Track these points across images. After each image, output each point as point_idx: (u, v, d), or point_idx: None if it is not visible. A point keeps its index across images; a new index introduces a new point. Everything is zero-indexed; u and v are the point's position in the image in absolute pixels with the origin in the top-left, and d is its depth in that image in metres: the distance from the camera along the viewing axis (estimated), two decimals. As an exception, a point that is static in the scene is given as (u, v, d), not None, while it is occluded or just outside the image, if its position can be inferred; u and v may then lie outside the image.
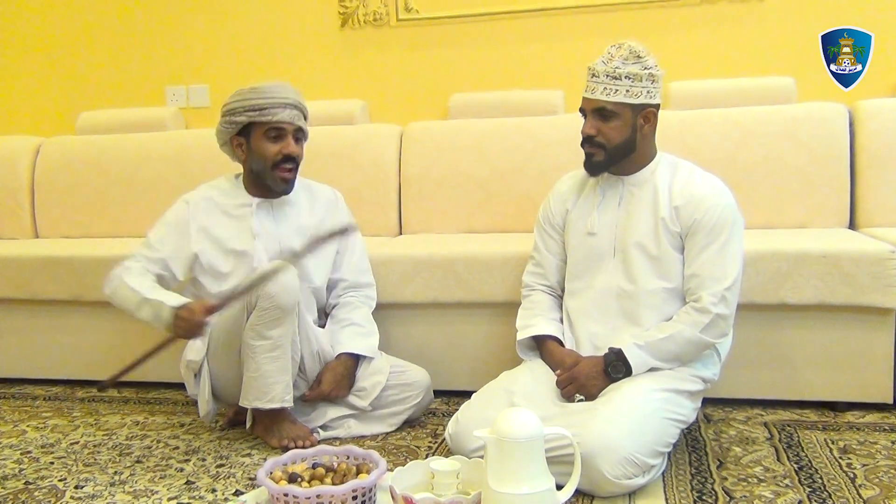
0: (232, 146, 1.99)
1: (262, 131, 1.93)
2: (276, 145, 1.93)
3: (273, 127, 1.92)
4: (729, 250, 1.71)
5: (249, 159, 1.96)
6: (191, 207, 1.99)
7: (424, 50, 3.00)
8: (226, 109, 1.95)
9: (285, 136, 1.94)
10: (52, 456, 1.92)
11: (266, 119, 1.91)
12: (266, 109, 1.91)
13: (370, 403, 1.97)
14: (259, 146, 1.94)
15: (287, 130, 1.94)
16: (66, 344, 2.52)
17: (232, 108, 1.93)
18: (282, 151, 1.94)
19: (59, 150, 3.05)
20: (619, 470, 1.50)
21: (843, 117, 2.45)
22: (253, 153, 1.95)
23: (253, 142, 1.94)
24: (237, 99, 1.94)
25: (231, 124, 1.94)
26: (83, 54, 3.30)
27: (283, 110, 1.92)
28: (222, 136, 1.99)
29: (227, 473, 1.77)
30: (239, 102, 1.93)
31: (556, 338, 1.85)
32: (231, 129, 1.95)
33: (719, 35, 2.76)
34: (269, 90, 1.93)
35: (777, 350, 2.06)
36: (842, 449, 1.79)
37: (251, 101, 1.91)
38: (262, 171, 1.96)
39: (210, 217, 1.99)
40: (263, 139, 1.93)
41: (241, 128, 1.94)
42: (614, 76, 1.71)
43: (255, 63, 3.13)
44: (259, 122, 1.92)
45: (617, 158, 1.78)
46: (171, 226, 1.98)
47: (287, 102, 1.93)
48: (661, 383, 1.67)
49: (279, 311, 1.82)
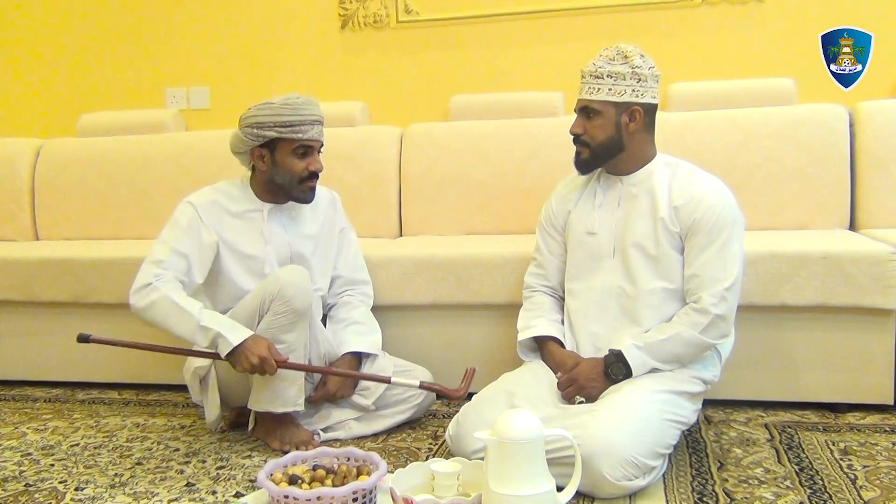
0: (252, 156, 1.96)
1: (291, 148, 1.91)
2: (304, 161, 1.93)
3: (303, 144, 1.92)
4: (729, 250, 1.71)
5: (273, 172, 1.94)
6: (198, 209, 1.94)
7: (425, 52, 3.00)
8: (252, 121, 1.90)
9: (312, 152, 1.95)
10: (53, 458, 1.92)
11: (296, 137, 1.89)
12: (296, 127, 1.89)
13: (373, 403, 1.98)
14: (286, 161, 1.92)
15: (314, 147, 1.95)
16: (67, 346, 2.51)
17: (260, 121, 1.89)
18: (308, 168, 1.94)
19: (59, 152, 3.06)
20: (619, 471, 1.50)
21: (843, 118, 2.45)
22: (279, 167, 1.93)
23: (279, 156, 1.92)
24: (267, 113, 1.88)
25: (256, 137, 1.90)
26: (84, 56, 3.30)
27: (311, 128, 1.91)
28: (243, 146, 1.94)
29: (227, 475, 1.77)
30: (268, 117, 1.88)
31: (557, 339, 1.86)
32: (255, 141, 1.91)
33: (719, 36, 2.76)
34: (300, 107, 1.89)
35: (777, 351, 2.05)
36: (842, 450, 1.79)
37: (282, 118, 1.88)
38: (286, 185, 1.95)
39: (220, 220, 1.96)
40: (291, 155, 1.92)
41: (266, 141, 1.92)
42: (597, 75, 1.74)
43: (255, 65, 3.14)
44: (287, 139, 1.90)
45: (603, 157, 1.79)
46: (182, 228, 1.92)
47: (315, 119, 1.92)
48: (661, 385, 1.67)
49: (294, 315, 1.82)
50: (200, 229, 1.92)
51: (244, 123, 1.92)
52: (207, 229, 1.93)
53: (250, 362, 1.76)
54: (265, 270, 1.97)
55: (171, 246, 1.88)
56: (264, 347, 1.77)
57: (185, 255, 1.89)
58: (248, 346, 1.77)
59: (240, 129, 1.94)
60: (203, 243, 1.92)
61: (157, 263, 1.86)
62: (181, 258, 1.88)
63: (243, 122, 1.93)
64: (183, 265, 1.88)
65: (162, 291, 1.80)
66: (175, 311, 1.79)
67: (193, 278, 1.90)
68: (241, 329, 1.80)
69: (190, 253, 1.90)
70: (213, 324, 1.78)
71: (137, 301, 1.82)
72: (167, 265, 1.86)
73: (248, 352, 1.76)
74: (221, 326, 1.78)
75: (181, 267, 1.88)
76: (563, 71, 2.82)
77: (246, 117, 1.92)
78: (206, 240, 1.92)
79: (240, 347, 1.76)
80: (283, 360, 1.80)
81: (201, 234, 1.92)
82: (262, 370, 1.77)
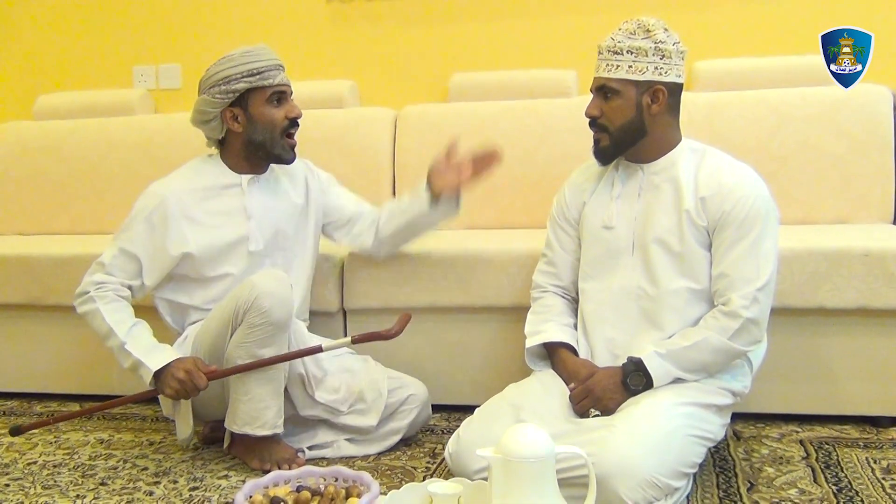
0: (224, 119, 1.96)
1: (264, 97, 1.94)
2: (282, 109, 1.96)
3: (276, 90, 1.95)
4: (762, 247, 1.70)
5: (250, 130, 1.96)
6: (165, 202, 1.94)
7: (421, 24, 2.99)
8: (217, 78, 1.92)
9: (287, 98, 1.98)
10: (8, 478, 1.91)
11: (267, 83, 1.93)
12: (264, 73, 1.93)
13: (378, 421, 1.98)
14: (263, 113, 1.95)
15: (287, 93, 1.98)
16: (22, 353, 2.51)
17: (226, 75, 1.91)
18: (288, 115, 1.97)
19: (13, 137, 3.05)
20: (638, 493, 1.50)
21: (887, 100, 2.45)
22: (255, 122, 1.95)
23: (254, 110, 1.94)
24: (230, 65, 1.92)
25: (226, 94, 1.92)
26: (41, 30, 3.29)
27: (278, 72, 1.96)
28: (213, 110, 1.94)
29: (201, 497, 1.77)
30: (234, 68, 1.91)
31: (570, 346, 1.86)
32: (226, 99, 1.93)
33: (751, 9, 2.76)
34: (261, 53, 1.94)
35: (814, 359, 2.06)
36: (885, 469, 1.79)
37: (248, 66, 1.91)
38: (268, 141, 1.96)
39: (193, 207, 1.96)
40: (266, 105, 1.95)
41: (237, 97, 1.93)
42: (615, 51, 1.73)
43: (231, 40, 3.11)
44: (259, 88, 1.93)
45: (625, 143, 1.79)
46: (138, 226, 1.94)
47: (279, 64, 1.97)
48: (685, 397, 1.67)
49: (272, 328, 1.82)
50: (164, 228, 1.93)
51: (208, 84, 1.94)
52: (175, 228, 1.93)
53: (177, 379, 1.81)
54: (250, 248, 1.98)
55: (119, 246, 1.94)
56: (189, 362, 1.83)
57: (135, 257, 1.93)
58: (173, 365, 1.83)
59: (205, 94, 1.95)
60: (163, 246, 1.93)
61: (101, 267, 1.95)
62: (130, 260, 1.94)
63: (207, 84, 1.95)
64: (131, 268, 1.94)
65: (96, 304, 1.90)
66: (103, 329, 1.89)
67: (143, 282, 1.95)
68: (167, 351, 1.87)
69: (143, 254, 1.93)
70: (136, 347, 1.86)
71: (78, 306, 1.95)
72: (111, 268, 1.93)
73: (172, 369, 1.82)
74: (142, 350, 1.85)
75: (129, 270, 1.94)
76: (576, 47, 2.81)
77: (208, 78, 1.95)
78: (168, 242, 1.93)
79: (163, 371, 1.82)
80: (212, 370, 1.84)
81: (164, 235, 1.93)
82: (191, 387, 1.81)
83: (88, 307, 1.91)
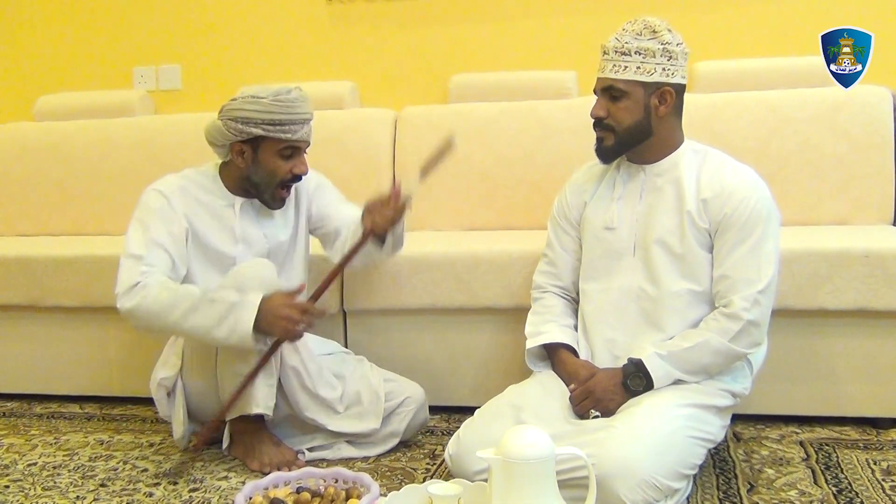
0: (231, 151, 1.94)
1: (277, 148, 1.90)
2: (288, 163, 1.93)
3: (290, 145, 1.91)
4: (763, 249, 1.70)
5: (252, 169, 1.93)
6: (168, 196, 1.93)
7: (422, 26, 2.99)
8: (237, 115, 1.87)
9: (299, 153, 1.95)
10: (8, 479, 1.91)
11: (284, 137, 1.88)
12: (286, 126, 1.88)
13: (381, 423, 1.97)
14: (269, 161, 1.91)
15: (301, 148, 1.94)
16: (22, 354, 2.51)
17: (247, 116, 1.87)
18: (293, 171, 1.93)
19: (13, 138, 3.05)
20: (638, 494, 1.50)
21: (887, 101, 2.45)
22: (259, 166, 1.92)
23: (262, 155, 1.91)
24: (255, 108, 1.86)
25: (239, 132, 1.88)
26: (41, 31, 3.29)
27: (301, 127, 1.91)
28: (223, 139, 1.92)
29: (201, 499, 1.76)
30: (256, 113, 1.86)
31: (570, 347, 1.85)
32: (238, 136, 1.89)
33: (751, 10, 2.76)
34: (292, 105, 1.87)
35: (814, 361, 2.06)
36: (885, 470, 1.79)
37: (271, 116, 1.86)
38: (263, 185, 1.94)
39: (190, 207, 1.95)
40: (276, 156, 1.91)
41: (250, 137, 1.90)
42: (623, 52, 1.72)
43: (232, 41, 3.13)
44: (274, 139, 1.89)
45: (629, 143, 1.78)
46: (156, 215, 1.90)
47: (307, 118, 1.92)
48: (685, 398, 1.67)
49: None
50: (172, 218, 1.92)
51: (227, 115, 1.90)
52: (178, 217, 1.92)
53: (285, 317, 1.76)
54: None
55: (150, 237, 1.87)
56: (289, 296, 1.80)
57: (164, 247, 1.88)
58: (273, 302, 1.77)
59: (221, 120, 1.91)
60: (175, 233, 1.91)
61: (139, 260, 1.84)
62: (162, 251, 1.87)
63: (226, 114, 1.90)
64: (165, 259, 1.87)
65: (153, 288, 1.79)
66: (174, 299, 1.78)
67: (178, 271, 1.90)
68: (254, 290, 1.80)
69: (168, 244, 1.89)
70: (222, 292, 1.78)
71: (127, 301, 1.80)
72: (151, 260, 1.84)
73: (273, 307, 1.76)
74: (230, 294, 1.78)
75: (165, 261, 1.87)
76: (576, 47, 2.81)
77: (230, 109, 1.90)
78: (177, 229, 1.91)
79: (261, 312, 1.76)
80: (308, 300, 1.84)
81: (173, 224, 1.91)
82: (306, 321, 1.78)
83: (144, 293, 1.78)
